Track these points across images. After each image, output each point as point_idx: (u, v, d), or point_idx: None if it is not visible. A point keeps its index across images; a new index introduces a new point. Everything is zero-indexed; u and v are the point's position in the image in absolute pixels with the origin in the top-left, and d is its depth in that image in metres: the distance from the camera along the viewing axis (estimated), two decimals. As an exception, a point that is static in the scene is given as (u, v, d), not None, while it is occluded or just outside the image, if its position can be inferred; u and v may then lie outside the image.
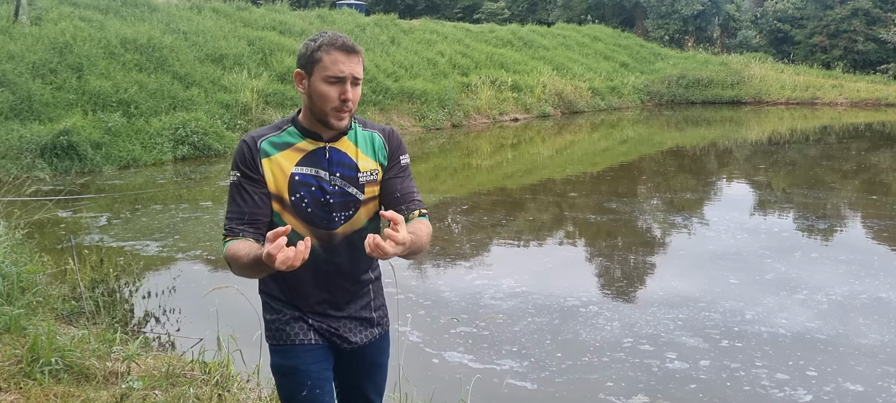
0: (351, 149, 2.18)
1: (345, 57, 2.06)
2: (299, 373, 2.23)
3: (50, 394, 3.62)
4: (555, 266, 7.68)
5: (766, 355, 5.11)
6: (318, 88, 2.07)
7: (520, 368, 4.87)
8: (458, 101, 21.70)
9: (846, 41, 35.41)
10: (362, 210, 2.20)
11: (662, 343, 5.32)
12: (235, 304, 4.75)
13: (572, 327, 5.64)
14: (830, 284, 6.70)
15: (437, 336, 5.40)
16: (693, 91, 30.50)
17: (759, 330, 5.56)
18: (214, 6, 21.56)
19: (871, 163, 15.54)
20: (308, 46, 2.09)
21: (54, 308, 5.21)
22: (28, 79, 13.54)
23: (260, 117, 16.70)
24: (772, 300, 6.27)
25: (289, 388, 2.27)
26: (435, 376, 4.69)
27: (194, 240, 8.22)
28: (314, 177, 2.13)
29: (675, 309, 6.01)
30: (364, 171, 2.17)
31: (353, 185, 2.16)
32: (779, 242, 8.44)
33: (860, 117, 25.60)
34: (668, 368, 4.90)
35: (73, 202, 9.97)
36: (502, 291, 6.43)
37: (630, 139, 20.49)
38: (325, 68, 2.05)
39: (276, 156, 2.12)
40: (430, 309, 5.98)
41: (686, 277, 7.02)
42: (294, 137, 2.15)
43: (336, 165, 2.15)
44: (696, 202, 11.24)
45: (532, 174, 14.15)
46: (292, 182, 2.12)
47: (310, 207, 2.13)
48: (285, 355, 2.25)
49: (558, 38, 31.77)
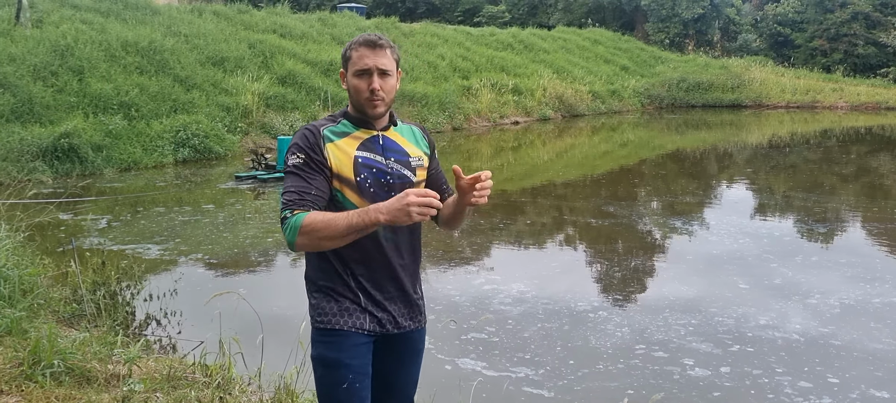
0: (400, 138, 2.41)
1: (369, 51, 2.28)
2: (342, 366, 2.30)
3: (51, 397, 3.61)
4: (560, 270, 7.66)
5: (783, 361, 5.06)
6: (352, 82, 2.31)
7: (535, 376, 4.80)
8: (458, 104, 21.72)
9: (846, 45, 35.44)
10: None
11: (676, 349, 5.27)
12: (237, 307, 4.75)
13: (582, 333, 5.59)
14: (840, 289, 6.67)
15: (448, 342, 5.37)
16: (693, 94, 30.53)
17: (773, 336, 5.50)
18: (215, 9, 21.60)
19: (871, 167, 15.54)
20: (345, 48, 2.36)
21: (56, 310, 5.20)
22: (29, 81, 13.55)
23: (261, 120, 16.72)
24: (783, 305, 6.23)
25: (330, 379, 2.32)
26: (449, 383, 4.63)
27: (195, 243, 8.22)
28: (373, 160, 2.32)
29: (687, 315, 5.96)
30: (414, 157, 2.40)
31: (407, 169, 2.37)
32: (782, 246, 8.44)
33: (860, 121, 25.62)
34: (689, 375, 4.83)
35: (74, 204, 9.98)
36: (511, 296, 6.39)
37: (630, 142, 20.50)
38: (354, 63, 2.29)
39: (338, 142, 2.30)
40: (440, 314, 5.95)
41: (693, 282, 6.99)
42: (349, 128, 2.34)
43: (390, 151, 2.36)
44: (697, 205, 11.25)
45: (533, 177, 14.16)
46: (356, 163, 2.29)
47: (372, 187, 2.29)
48: (330, 345, 2.31)
49: (559, 41, 31.81)
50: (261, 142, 15.29)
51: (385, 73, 2.28)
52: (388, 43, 2.32)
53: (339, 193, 2.28)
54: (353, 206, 2.25)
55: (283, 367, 4.00)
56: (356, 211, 2.11)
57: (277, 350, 4.24)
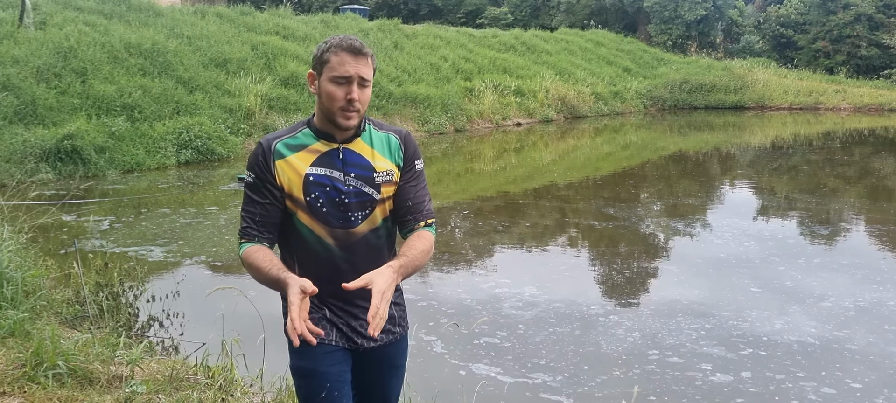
0: (366, 150, 2.23)
1: (352, 58, 2.11)
2: (318, 375, 2.25)
3: (53, 398, 3.62)
4: (567, 273, 7.61)
5: (802, 366, 5.01)
6: (325, 88, 2.13)
7: (553, 382, 4.76)
8: (460, 106, 21.71)
9: (849, 46, 35.36)
10: (379, 209, 2.25)
11: (689, 353, 5.21)
12: (239, 308, 4.75)
13: (593, 338, 5.55)
14: (851, 292, 6.63)
15: (460, 347, 5.32)
16: (696, 96, 30.48)
17: (788, 340, 5.47)
18: (218, 11, 21.61)
19: (874, 169, 15.51)
20: (320, 48, 2.17)
21: (58, 312, 5.21)
22: (32, 83, 13.57)
23: (263, 122, 16.72)
24: (796, 309, 6.18)
25: (307, 390, 2.28)
26: (466, 389, 4.58)
27: (198, 245, 8.23)
28: (328, 177, 2.18)
29: (699, 319, 5.91)
30: (380, 171, 2.22)
31: (369, 185, 2.21)
32: (788, 248, 8.41)
33: (863, 123, 25.56)
34: (712, 381, 4.78)
35: (77, 206, 9.99)
36: (522, 300, 6.34)
37: (633, 144, 20.48)
38: (333, 69, 2.11)
39: (290, 158, 2.17)
40: (451, 317, 5.93)
41: (701, 285, 6.94)
42: (308, 139, 2.21)
43: (350, 166, 2.20)
44: (701, 208, 11.23)
45: (535, 179, 14.15)
46: (307, 182, 2.17)
47: (325, 207, 2.18)
48: (304, 356, 2.25)
49: (561, 42, 31.78)
50: (263, 144, 15.28)
51: (364, 84, 2.13)
52: (370, 51, 2.18)
53: (292, 214, 2.18)
54: (305, 227, 2.18)
55: (284, 369, 3.99)
56: (279, 272, 2.08)
57: (279, 351, 4.23)
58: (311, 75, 2.19)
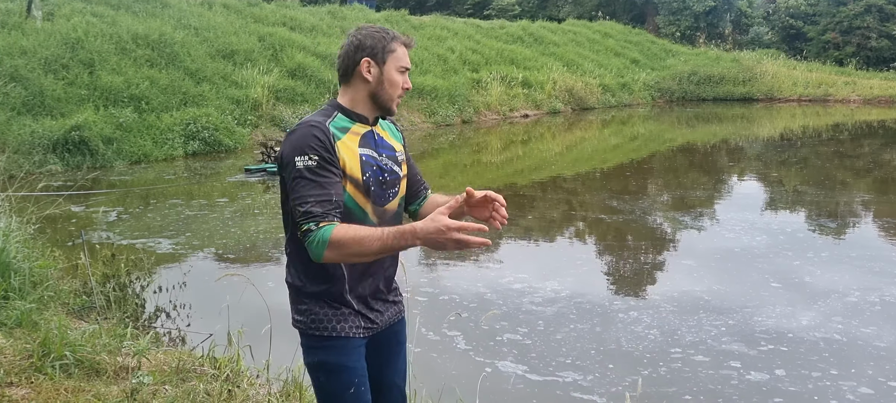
0: (385, 132, 2.38)
1: (407, 51, 2.32)
2: (347, 370, 2.24)
3: (61, 389, 3.62)
4: (582, 267, 7.53)
5: (832, 363, 4.90)
6: (391, 76, 2.26)
7: (584, 382, 4.67)
8: (468, 98, 21.67)
9: (859, 38, 35.07)
10: (402, 185, 2.39)
11: (712, 351, 5.11)
12: (246, 299, 4.74)
13: (614, 335, 5.46)
14: (875, 286, 6.51)
15: (483, 344, 5.26)
16: (704, 88, 30.31)
17: (814, 337, 5.36)
18: (225, 2, 21.60)
19: (885, 161, 15.39)
20: (376, 38, 2.25)
21: (65, 303, 5.22)
22: (40, 74, 13.60)
23: (270, 113, 16.72)
24: (821, 304, 6.06)
25: (333, 386, 2.25)
26: (493, 388, 4.52)
27: (205, 236, 8.23)
28: (374, 158, 2.28)
29: (721, 316, 5.80)
30: (399, 151, 2.38)
31: (396, 164, 2.35)
32: (799, 242, 8.30)
33: (873, 115, 25.37)
34: (748, 380, 4.68)
35: (84, 197, 10.01)
36: (541, 296, 6.26)
37: (641, 136, 20.39)
38: (399, 59, 2.27)
39: (344, 139, 2.21)
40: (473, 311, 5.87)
41: (720, 280, 6.81)
42: (346, 122, 2.25)
43: (382, 147, 2.32)
44: (710, 200, 11.17)
45: (542, 170, 14.11)
46: (362, 162, 2.23)
47: (372, 186, 2.25)
48: (331, 351, 2.24)
49: (569, 34, 31.66)
50: (270, 136, 15.31)
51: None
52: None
53: (346, 194, 2.18)
54: (357, 206, 2.19)
55: (291, 360, 3.98)
56: (391, 232, 2.02)
57: (285, 343, 4.23)
58: (366, 62, 2.24)
